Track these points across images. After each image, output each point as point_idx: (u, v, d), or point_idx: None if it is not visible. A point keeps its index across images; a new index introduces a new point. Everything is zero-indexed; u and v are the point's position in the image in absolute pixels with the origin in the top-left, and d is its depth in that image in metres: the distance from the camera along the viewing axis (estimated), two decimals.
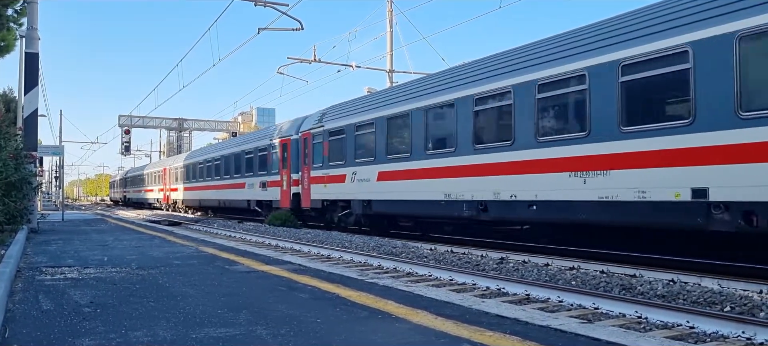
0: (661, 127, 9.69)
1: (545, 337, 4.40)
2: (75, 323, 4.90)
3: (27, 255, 10.44)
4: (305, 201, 21.64)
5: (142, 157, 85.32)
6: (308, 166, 21.43)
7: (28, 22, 17.57)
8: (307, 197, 21.45)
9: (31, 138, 16.92)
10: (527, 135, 12.18)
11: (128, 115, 54.69)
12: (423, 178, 15.24)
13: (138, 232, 17.41)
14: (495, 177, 13.01)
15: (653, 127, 9.79)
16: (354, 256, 12.15)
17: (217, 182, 32.93)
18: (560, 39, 12.22)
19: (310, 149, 21.28)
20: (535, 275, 9.23)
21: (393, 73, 28.67)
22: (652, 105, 10.15)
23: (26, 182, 14.44)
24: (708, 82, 9.04)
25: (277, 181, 24.18)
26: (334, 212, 20.13)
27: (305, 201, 21.64)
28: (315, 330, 4.64)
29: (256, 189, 26.47)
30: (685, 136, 9.26)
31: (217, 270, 8.40)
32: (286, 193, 23.22)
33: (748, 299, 6.92)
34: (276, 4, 19.58)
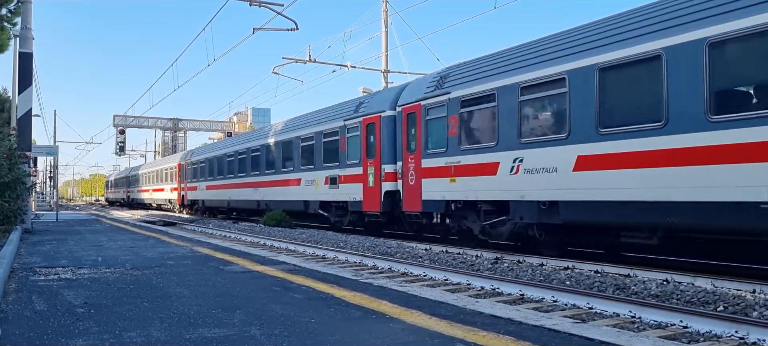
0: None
1: (539, 337, 4.41)
2: (68, 324, 4.89)
3: (21, 256, 10.40)
4: (411, 202, 15.21)
5: (137, 158, 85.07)
6: (417, 153, 14.97)
7: (22, 22, 17.52)
8: (416, 196, 15.02)
9: (25, 138, 16.86)
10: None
11: (123, 115, 54.56)
12: (703, 162, 8.72)
13: (132, 232, 17.36)
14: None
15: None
16: (349, 256, 12.15)
17: (254, 178, 26.30)
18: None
19: (421, 129, 14.79)
20: (530, 275, 9.25)
21: (388, 73, 28.67)
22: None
23: (20, 182, 14.41)
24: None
25: (357, 175, 17.77)
26: (471, 219, 13.64)
27: (411, 202, 15.21)
28: (309, 330, 4.64)
29: (320, 187, 20.12)
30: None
31: (211, 270, 8.38)
32: (374, 191, 16.92)
33: (742, 299, 6.95)
34: (271, 4, 19.56)
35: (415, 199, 15.04)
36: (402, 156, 15.65)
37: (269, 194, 24.72)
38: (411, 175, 15.26)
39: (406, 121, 15.54)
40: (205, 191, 33.67)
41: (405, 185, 15.51)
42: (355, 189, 17.89)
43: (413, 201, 15.15)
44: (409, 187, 15.35)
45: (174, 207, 41.45)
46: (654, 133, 9.41)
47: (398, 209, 16.09)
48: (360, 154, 17.68)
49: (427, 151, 14.61)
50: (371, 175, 17.11)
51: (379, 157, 16.71)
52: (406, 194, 15.48)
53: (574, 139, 10.66)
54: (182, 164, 39.02)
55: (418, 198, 14.94)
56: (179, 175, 39.69)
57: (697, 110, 8.81)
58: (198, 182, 34.94)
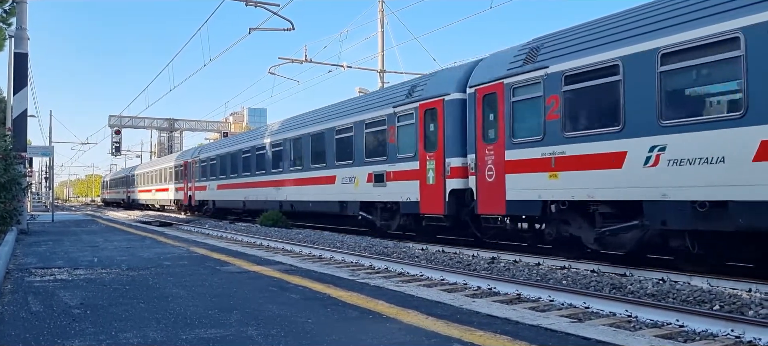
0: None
1: (536, 336, 4.42)
2: (64, 325, 4.88)
3: (16, 256, 10.37)
4: (490, 202, 12.46)
5: (132, 158, 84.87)
6: (498, 143, 12.32)
7: (17, 22, 17.47)
8: (497, 195, 12.26)
9: (20, 139, 16.81)
10: None
11: (118, 116, 54.41)
12: None
13: (128, 233, 17.33)
14: None
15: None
16: (346, 256, 12.14)
17: (276, 175, 23.32)
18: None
19: (503, 113, 12.17)
20: (526, 275, 9.26)
21: (384, 73, 28.68)
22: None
23: (15, 182, 14.35)
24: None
25: (412, 171, 14.99)
26: (578, 224, 10.94)
27: (490, 202, 12.46)
28: (306, 331, 4.64)
29: (361, 185, 17.12)
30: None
31: (207, 271, 8.37)
32: (435, 190, 14.20)
33: (737, 298, 6.97)
34: (267, 5, 19.53)
35: (496, 199, 12.25)
36: (475, 147, 12.91)
37: (295, 193, 21.77)
38: (489, 170, 12.51)
39: (480, 104, 12.83)
40: (216, 190, 30.73)
41: (480, 182, 12.74)
42: (408, 188, 15.10)
43: (493, 201, 12.34)
44: (486, 184, 12.57)
45: (180, 208, 38.81)
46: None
47: (465, 210, 13.61)
48: (415, 147, 14.83)
49: (512, 141, 11.90)
50: (431, 170, 14.30)
51: (442, 149, 13.97)
52: (482, 193, 12.68)
53: (755, 119, 8.09)
54: (189, 162, 35.94)
55: (499, 198, 12.17)
56: (186, 173, 36.64)
57: None
58: (208, 181, 32.05)
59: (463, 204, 13.60)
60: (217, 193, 30.67)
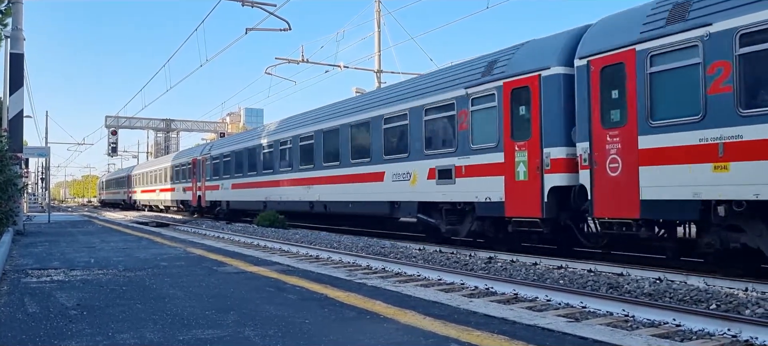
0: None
1: (533, 336, 4.42)
2: (61, 326, 4.87)
3: (12, 257, 10.34)
4: (615, 203, 10.06)
5: (129, 159, 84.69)
6: (628, 127, 9.92)
7: (13, 23, 17.44)
8: (626, 193, 9.84)
9: (16, 139, 16.78)
10: None
11: (115, 116, 54.31)
12: None
13: (125, 233, 17.30)
14: None
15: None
16: (343, 256, 12.14)
17: (306, 172, 20.40)
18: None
19: (634, 88, 9.80)
20: (524, 275, 9.26)
21: (381, 73, 28.69)
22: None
23: (11, 183, 14.33)
24: None
25: (494, 165, 12.34)
26: (758, 231, 8.62)
27: (615, 203, 10.06)
28: (303, 331, 4.64)
29: (420, 182, 14.46)
30: None
31: (204, 271, 8.37)
32: (528, 187, 11.58)
33: (734, 297, 6.99)
34: (263, 5, 19.52)
35: (624, 198, 9.81)
36: (589, 133, 10.41)
37: (330, 193, 18.96)
38: (612, 161, 10.03)
39: (597, 79, 10.36)
40: (230, 190, 27.93)
41: (598, 178, 10.23)
42: (488, 185, 12.41)
43: (619, 202, 9.92)
44: (607, 180, 10.08)
45: (187, 210, 36.13)
46: None
47: (566, 213, 11.20)
48: (499, 135, 12.18)
49: (650, 123, 9.46)
50: (523, 163, 11.66)
51: (539, 136, 11.35)
52: (601, 191, 10.20)
53: None
54: (199, 159, 33.01)
55: (629, 197, 9.72)
56: (194, 172, 33.64)
57: None
58: (220, 180, 29.06)
59: (566, 206, 11.11)
60: (232, 193, 27.84)
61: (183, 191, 35.65)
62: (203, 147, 34.82)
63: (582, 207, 10.73)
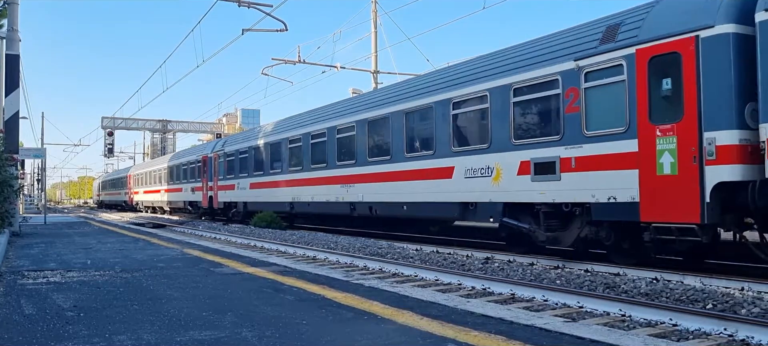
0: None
1: (530, 336, 4.43)
2: (58, 328, 4.86)
3: (8, 259, 10.32)
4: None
5: (125, 160, 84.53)
6: None
7: (9, 24, 17.42)
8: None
9: (12, 140, 16.75)
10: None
11: (111, 117, 54.26)
12: None
13: (121, 235, 17.27)
14: None
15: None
16: (340, 257, 12.13)
17: (345, 169, 17.68)
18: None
19: None
20: (521, 275, 9.27)
21: (378, 73, 28.70)
22: None
23: (7, 184, 14.28)
24: None
25: (618, 156, 9.92)
26: None
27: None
28: (301, 332, 4.64)
29: (505, 179, 11.94)
30: None
31: (201, 272, 8.36)
32: (675, 184, 9.04)
33: (730, 297, 7.01)
34: (260, 5, 19.52)
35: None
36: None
37: (376, 192, 16.20)
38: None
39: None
40: (248, 190, 25.03)
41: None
42: (612, 180, 9.84)
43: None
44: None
45: (199, 211, 33.06)
46: None
47: (731, 216, 8.79)
48: (628, 117, 9.61)
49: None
50: (668, 153, 8.98)
51: (697, 117, 8.73)
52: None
53: None
54: (210, 156, 30.05)
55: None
56: (205, 170, 30.69)
57: None
58: (237, 179, 26.21)
59: (733, 208, 8.69)
60: (251, 193, 24.96)
61: (192, 191, 32.66)
62: (215, 143, 32.24)
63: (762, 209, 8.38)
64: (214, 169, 29.37)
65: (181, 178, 35.31)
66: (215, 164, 29.37)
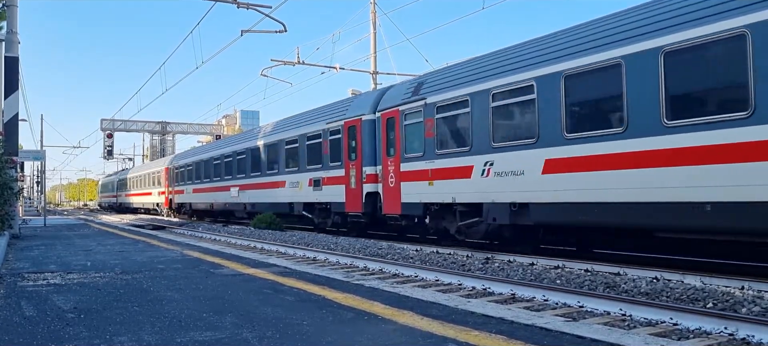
0: None
1: (531, 336, 4.42)
2: (58, 329, 4.86)
3: (8, 261, 10.32)
4: None
5: (124, 161, 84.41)
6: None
7: (8, 26, 17.41)
8: None
9: (11, 143, 16.74)
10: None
11: (110, 119, 54.22)
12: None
13: (121, 236, 17.26)
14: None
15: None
16: (340, 258, 12.13)
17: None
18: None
19: None
20: (521, 275, 9.27)
21: (377, 74, 28.69)
22: None
23: (7, 187, 14.28)
24: None
25: None
26: None
27: None
28: (301, 332, 4.63)
29: None
30: None
31: (201, 274, 8.35)
32: None
33: (731, 296, 7.00)
34: (259, 7, 19.50)
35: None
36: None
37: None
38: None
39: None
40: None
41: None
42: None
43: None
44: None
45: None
46: None
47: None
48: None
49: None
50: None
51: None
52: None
53: None
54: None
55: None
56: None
57: None
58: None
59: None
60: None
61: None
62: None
63: None
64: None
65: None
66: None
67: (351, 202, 16.96)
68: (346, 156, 17.21)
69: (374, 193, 16.03)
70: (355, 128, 16.84)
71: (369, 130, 16.35)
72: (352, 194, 16.84)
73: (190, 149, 44.44)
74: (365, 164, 16.30)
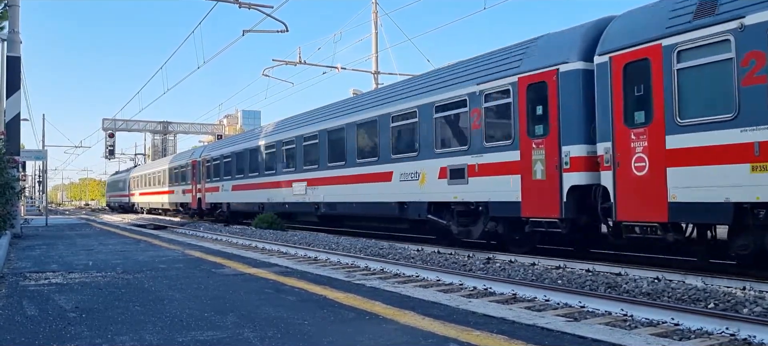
0: None
1: (532, 336, 4.42)
2: (60, 329, 4.86)
3: (10, 260, 10.33)
4: None
5: (126, 161, 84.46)
6: None
7: (10, 26, 17.43)
8: None
9: (13, 142, 16.76)
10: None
11: (112, 119, 54.25)
12: None
13: (123, 236, 17.28)
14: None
15: None
16: (341, 258, 12.13)
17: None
18: None
19: None
20: (522, 275, 9.27)
21: (378, 74, 28.70)
22: None
23: (9, 186, 14.29)
24: None
25: None
26: None
27: None
28: (302, 332, 4.64)
29: None
30: None
31: (203, 273, 8.36)
32: None
33: (732, 296, 7.00)
34: (260, 6, 19.51)
35: None
36: None
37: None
38: None
39: None
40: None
41: None
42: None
43: None
44: None
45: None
46: None
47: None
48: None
49: None
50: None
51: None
52: None
53: None
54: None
55: None
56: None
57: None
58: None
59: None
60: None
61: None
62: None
63: None
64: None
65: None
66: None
67: (534, 201, 11.29)
68: (524, 131, 11.52)
69: (587, 187, 10.55)
70: (542, 86, 11.21)
71: (576, 86, 10.68)
72: (538, 188, 11.20)
73: (226, 138, 37.36)
74: (568, 142, 10.71)
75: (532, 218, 11.42)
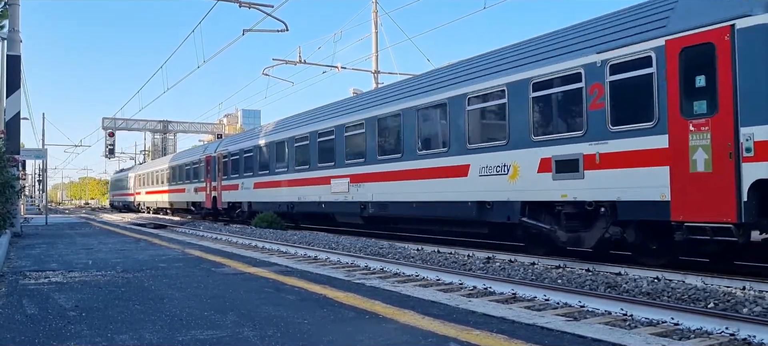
0: None
1: (532, 335, 4.42)
2: (60, 328, 4.86)
3: (10, 259, 10.33)
4: None
5: (126, 160, 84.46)
6: None
7: (10, 25, 17.43)
8: None
9: (13, 141, 16.76)
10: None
11: (112, 118, 54.24)
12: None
13: (123, 235, 17.28)
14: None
15: None
16: (341, 257, 12.13)
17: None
18: None
19: None
20: (522, 274, 9.27)
21: (378, 74, 28.70)
22: None
23: (9, 185, 14.29)
24: None
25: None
26: None
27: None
28: (302, 331, 4.64)
29: None
30: None
31: (203, 272, 8.36)
32: None
33: (732, 296, 7.00)
34: (260, 6, 19.52)
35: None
36: None
37: None
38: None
39: None
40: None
41: None
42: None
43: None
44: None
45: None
46: None
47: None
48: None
49: None
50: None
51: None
52: None
53: None
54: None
55: None
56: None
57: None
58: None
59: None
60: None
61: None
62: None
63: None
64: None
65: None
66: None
67: (693, 200, 8.65)
68: (676, 109, 8.93)
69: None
70: (707, 50, 8.61)
71: (765, 48, 8.06)
72: (698, 184, 8.57)
73: (247, 131, 33.96)
74: (751, 121, 8.09)
75: (689, 222, 8.70)
